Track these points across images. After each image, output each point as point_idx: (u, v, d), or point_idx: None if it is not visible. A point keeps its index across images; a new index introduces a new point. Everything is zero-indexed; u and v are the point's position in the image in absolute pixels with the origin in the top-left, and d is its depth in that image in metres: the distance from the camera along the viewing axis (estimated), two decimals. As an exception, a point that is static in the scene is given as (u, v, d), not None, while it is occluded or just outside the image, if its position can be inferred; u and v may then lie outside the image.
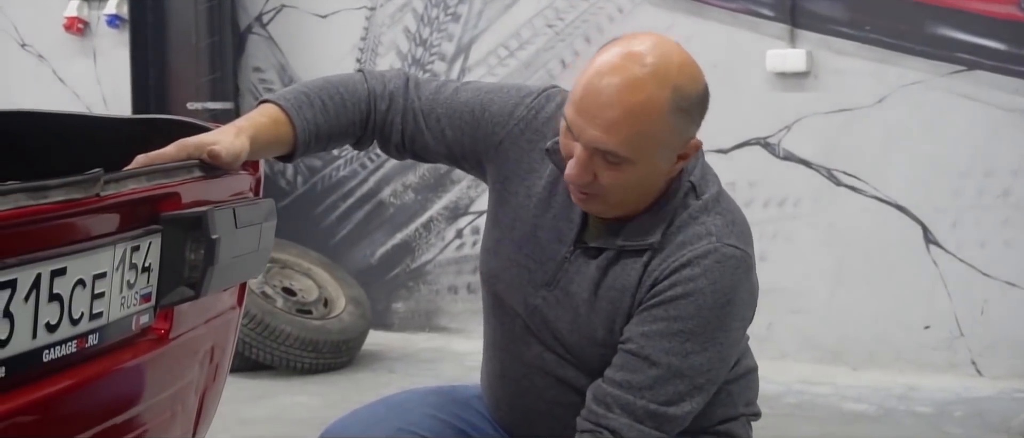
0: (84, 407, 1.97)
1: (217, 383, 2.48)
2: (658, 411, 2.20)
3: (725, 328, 2.21)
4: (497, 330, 2.42)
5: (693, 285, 2.17)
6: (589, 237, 2.28)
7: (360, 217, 6.01)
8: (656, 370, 2.19)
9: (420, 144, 2.39)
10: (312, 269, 5.54)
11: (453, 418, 2.50)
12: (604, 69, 2.14)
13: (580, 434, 2.23)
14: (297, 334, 5.12)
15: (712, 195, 2.25)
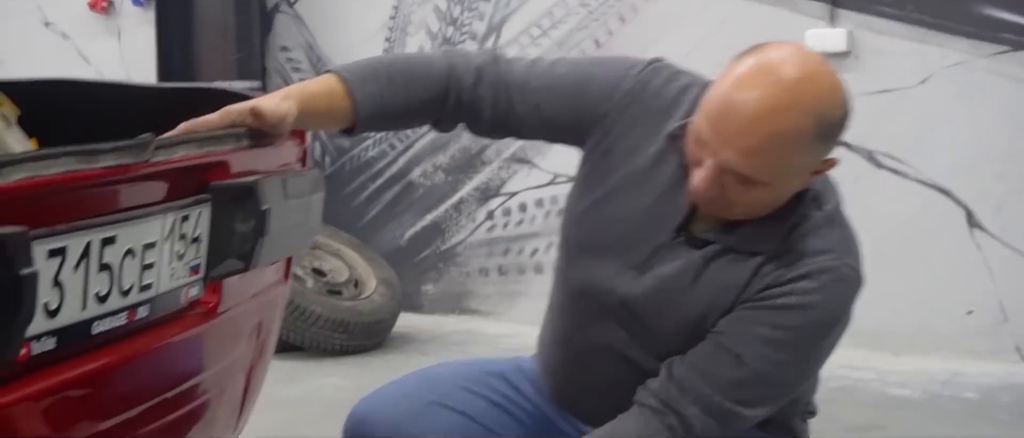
0: (133, 382, 1.89)
1: (263, 360, 2.40)
2: (732, 410, 2.14)
3: (822, 347, 2.16)
4: (567, 298, 2.33)
5: (806, 298, 2.09)
6: (697, 228, 2.18)
7: (389, 198, 5.93)
8: (744, 371, 2.12)
9: (514, 119, 2.28)
10: (342, 250, 5.46)
11: (487, 391, 2.44)
12: (744, 85, 2.00)
13: (642, 406, 2.16)
14: (328, 315, 5.05)
15: (834, 207, 2.16)
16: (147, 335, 1.91)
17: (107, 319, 1.79)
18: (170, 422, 2.01)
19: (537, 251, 5.69)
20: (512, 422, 2.41)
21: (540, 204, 5.66)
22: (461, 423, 2.38)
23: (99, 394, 1.80)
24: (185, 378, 2.04)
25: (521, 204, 5.70)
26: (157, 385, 1.96)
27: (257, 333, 2.30)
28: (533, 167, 5.65)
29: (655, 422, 2.14)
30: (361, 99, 2.20)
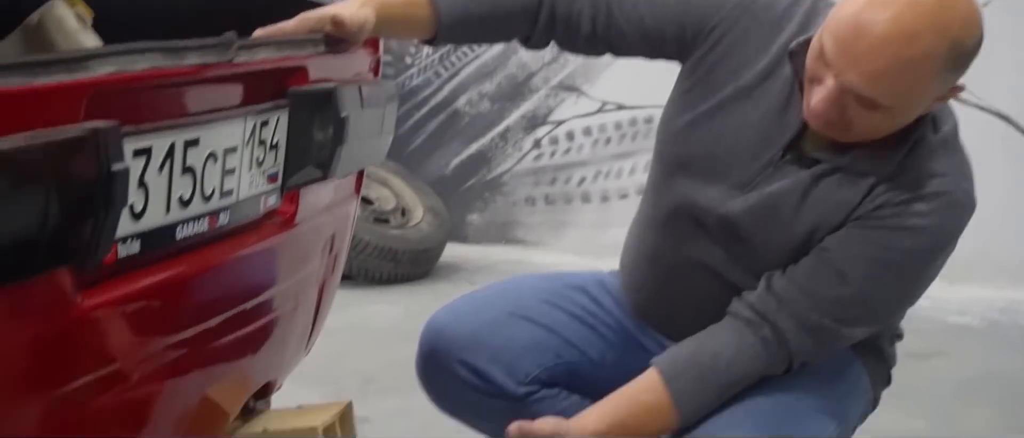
0: (213, 291, 1.84)
1: (335, 277, 2.35)
2: (829, 327, 2.09)
3: (928, 272, 2.10)
4: (661, 215, 2.27)
5: (919, 221, 2.03)
6: (808, 147, 2.11)
7: (434, 127, 5.86)
8: (847, 290, 2.07)
9: (615, 33, 2.20)
10: (389, 178, 5.40)
11: (568, 303, 2.38)
12: (877, 4, 1.89)
13: (735, 317, 2.11)
14: (376, 243, 5.00)
15: (950, 131, 2.10)
16: (227, 243, 1.86)
17: (190, 224, 1.73)
18: (247, 334, 1.96)
19: (584, 180, 5.62)
20: (593, 336, 2.37)
21: (588, 132, 5.59)
22: (541, 335, 2.34)
23: (180, 301, 1.75)
24: (262, 289, 1.99)
25: (568, 132, 5.63)
26: (235, 295, 1.90)
27: (330, 247, 2.24)
28: (581, 95, 5.57)
29: (749, 334, 2.09)
30: (443, 8, 2.13)
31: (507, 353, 2.31)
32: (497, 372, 2.31)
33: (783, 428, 2.08)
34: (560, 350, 2.34)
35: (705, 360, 2.09)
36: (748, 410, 2.09)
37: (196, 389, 1.86)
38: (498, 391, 2.31)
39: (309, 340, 2.32)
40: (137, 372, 1.66)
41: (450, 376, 2.33)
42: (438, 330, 2.36)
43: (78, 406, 1.56)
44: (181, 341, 1.76)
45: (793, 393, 2.12)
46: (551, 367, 2.34)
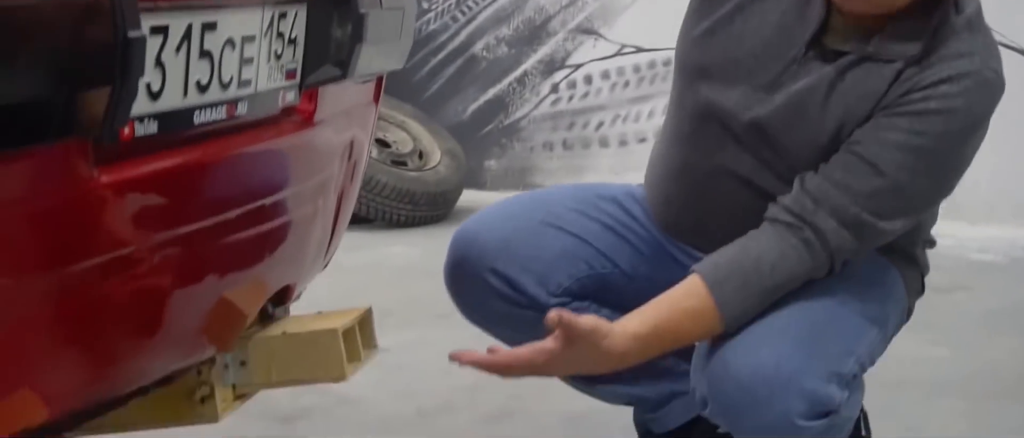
0: (231, 182, 1.81)
1: (354, 186, 2.32)
2: (868, 222, 2.05)
3: (961, 155, 2.07)
4: (685, 124, 2.24)
5: (948, 103, 2.01)
6: (830, 40, 2.09)
7: (451, 72, 5.83)
8: (881, 181, 2.04)
9: None
10: (406, 122, 5.38)
11: (599, 214, 2.34)
12: None
13: (774, 222, 2.07)
14: (393, 185, 4.98)
15: (974, 11, 2.07)
16: (244, 135, 1.83)
17: (207, 110, 1.71)
18: (264, 233, 1.93)
19: (602, 124, 5.59)
20: (625, 247, 2.33)
21: (606, 76, 5.55)
22: (574, 245, 2.30)
23: (196, 189, 1.73)
24: (279, 188, 1.95)
25: (586, 76, 5.59)
26: (252, 190, 1.87)
27: (349, 153, 2.21)
28: (599, 38, 5.53)
29: (789, 237, 2.06)
30: None
31: (539, 262, 2.28)
32: (528, 281, 2.27)
33: (826, 333, 2.05)
34: (592, 261, 2.31)
35: (748, 265, 2.05)
36: (791, 315, 2.05)
37: (212, 285, 1.83)
38: (529, 301, 2.27)
39: (328, 250, 2.29)
40: (151, 259, 1.63)
41: (481, 285, 2.29)
42: (469, 238, 2.33)
43: (90, 287, 1.53)
44: (197, 232, 1.73)
45: (835, 298, 2.10)
46: (583, 278, 2.30)
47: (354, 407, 3.00)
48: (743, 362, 2.01)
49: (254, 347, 2.05)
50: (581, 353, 2.01)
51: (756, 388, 1.99)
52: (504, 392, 3.04)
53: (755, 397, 1.99)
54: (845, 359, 2.06)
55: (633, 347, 2.02)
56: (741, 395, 2.00)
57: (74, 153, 1.45)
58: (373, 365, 3.31)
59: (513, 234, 2.28)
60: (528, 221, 2.30)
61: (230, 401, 2.05)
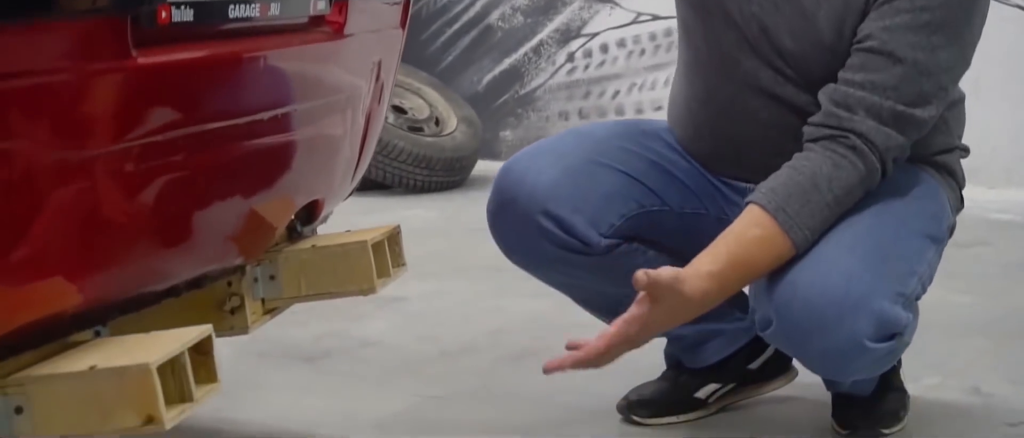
0: (261, 84, 1.81)
1: (381, 109, 2.31)
2: (904, 112, 2.04)
3: (969, 22, 2.06)
4: (701, 49, 2.22)
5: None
6: None
7: (467, 42, 5.82)
8: (901, 67, 2.03)
9: None
10: (422, 89, 5.37)
11: (643, 150, 2.30)
12: None
13: (813, 141, 2.06)
14: (410, 150, 4.97)
15: None
16: (276, 38, 1.83)
17: (242, 6, 1.70)
18: (294, 142, 1.93)
19: (619, 93, 5.58)
20: (673, 182, 2.29)
21: (622, 44, 5.54)
22: (624, 183, 2.25)
23: (228, 85, 1.72)
24: (308, 96, 1.95)
25: (602, 45, 5.58)
26: (282, 95, 1.87)
27: (377, 73, 2.21)
28: (615, 6, 5.52)
29: (836, 148, 2.04)
30: None
31: (590, 202, 2.22)
32: (580, 222, 2.21)
33: (891, 253, 2.04)
34: (642, 198, 2.26)
35: (805, 183, 2.02)
36: (857, 235, 2.03)
37: (240, 189, 1.82)
38: (580, 243, 2.21)
39: (355, 171, 2.28)
40: (182, 151, 1.63)
41: (531, 227, 2.22)
42: (517, 178, 2.25)
43: (122, 171, 1.53)
44: (226, 131, 1.73)
45: (894, 217, 2.08)
46: (633, 217, 2.25)
47: (377, 348, 2.99)
48: (811, 282, 1.98)
49: (284, 261, 2.05)
50: (667, 307, 1.97)
51: (825, 308, 1.96)
52: (527, 334, 3.04)
53: (823, 318, 1.96)
54: (908, 279, 2.05)
55: (711, 286, 1.98)
56: (809, 316, 1.97)
57: (113, 31, 1.45)
58: (394, 311, 3.34)
59: (563, 174, 2.22)
60: (577, 160, 2.25)
61: (260, 314, 2.05)
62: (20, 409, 1.46)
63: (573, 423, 2.41)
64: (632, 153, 2.29)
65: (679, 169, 2.30)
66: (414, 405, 2.56)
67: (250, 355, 2.95)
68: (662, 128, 2.37)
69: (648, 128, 2.37)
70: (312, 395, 2.66)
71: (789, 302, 1.99)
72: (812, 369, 2.14)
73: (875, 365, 2.07)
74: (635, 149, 2.29)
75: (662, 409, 2.41)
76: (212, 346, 1.58)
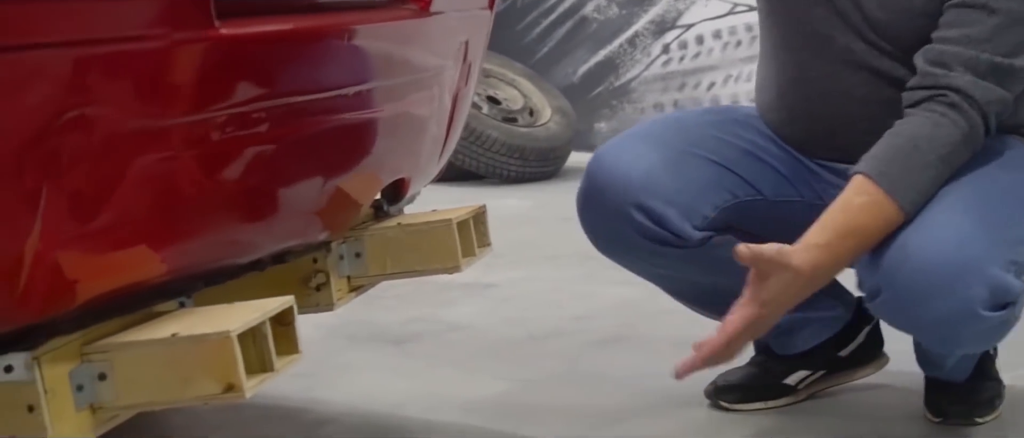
0: (346, 59, 1.81)
1: (469, 89, 2.31)
2: (1002, 64, 1.98)
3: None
4: (789, 30, 2.18)
5: None
6: None
7: (562, 34, 5.81)
8: (995, 18, 1.97)
9: None
10: (517, 80, 5.37)
11: (735, 138, 2.25)
12: None
13: (913, 106, 2.01)
14: (504, 140, 4.98)
15: None
16: (362, 13, 1.83)
17: (327, -21, 1.71)
18: (379, 118, 1.93)
19: (714, 84, 5.54)
20: (767, 170, 2.24)
21: (718, 35, 5.50)
22: (717, 173, 2.20)
23: (312, 59, 1.72)
24: (393, 73, 1.95)
25: (698, 36, 5.55)
26: (368, 71, 1.87)
27: (464, 55, 2.21)
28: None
29: (935, 108, 1.98)
30: None
31: (684, 194, 2.17)
32: (673, 215, 2.16)
33: (1001, 219, 1.97)
34: (735, 189, 2.22)
35: (905, 145, 1.97)
36: (967, 200, 1.97)
37: (324, 164, 1.83)
38: (672, 237, 2.17)
39: (442, 151, 2.28)
40: (265, 125, 1.63)
41: (623, 219, 2.18)
42: (608, 167, 2.21)
43: (207, 141, 1.53)
44: (310, 105, 1.73)
45: (1000, 183, 2.02)
46: (726, 208, 2.21)
47: (465, 332, 3.00)
48: (922, 245, 1.91)
49: (369, 238, 2.06)
50: (779, 284, 1.93)
51: (937, 273, 1.89)
52: (615, 319, 3.02)
53: (936, 282, 1.89)
54: (1019, 247, 1.98)
55: (821, 257, 1.93)
56: (921, 279, 1.90)
57: (197, 2, 1.46)
58: (483, 297, 3.34)
59: (656, 165, 2.17)
60: (670, 150, 2.20)
61: (345, 291, 2.06)
62: (103, 376, 1.47)
63: (659, 407, 2.39)
64: (724, 142, 2.24)
65: (772, 156, 2.26)
66: (499, 388, 2.56)
67: (339, 337, 2.97)
68: (753, 115, 2.33)
69: (739, 115, 2.33)
70: (399, 377, 2.67)
71: (899, 266, 1.92)
72: (922, 339, 2.08)
73: (986, 337, 2.00)
74: (727, 137, 2.25)
75: (750, 395, 2.38)
76: (294, 317, 1.58)
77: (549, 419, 2.35)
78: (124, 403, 1.48)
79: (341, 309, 3.16)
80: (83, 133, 1.36)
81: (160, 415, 2.45)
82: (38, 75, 1.30)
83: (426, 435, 2.28)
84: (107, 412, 1.49)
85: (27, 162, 1.30)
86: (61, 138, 1.33)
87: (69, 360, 1.46)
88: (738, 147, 2.25)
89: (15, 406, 1.41)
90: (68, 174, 1.35)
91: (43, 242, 1.34)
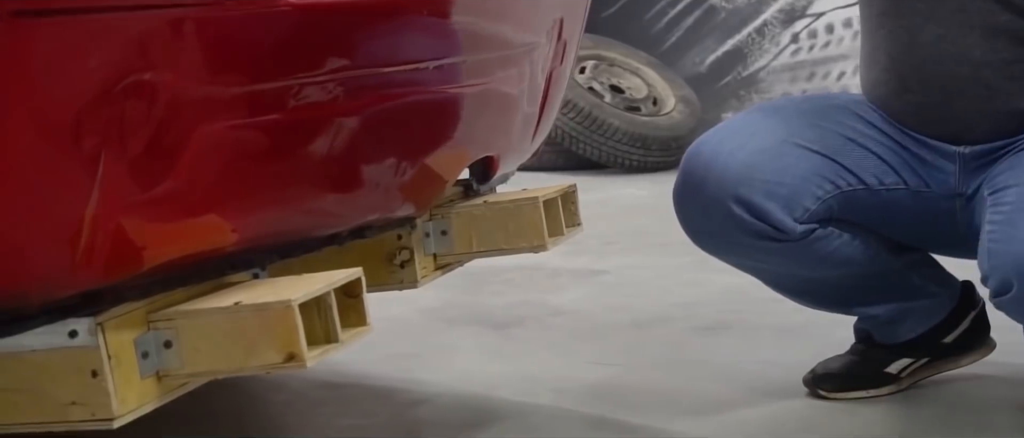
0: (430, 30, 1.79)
1: (564, 69, 2.28)
2: None
3: None
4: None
5: None
6: None
7: (690, 23, 5.76)
8: None
9: None
10: (640, 68, 5.33)
11: (835, 125, 2.18)
12: None
13: None
14: (625, 129, 4.94)
15: None
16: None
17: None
18: (464, 93, 1.91)
19: (844, 74, 5.44)
20: (869, 157, 2.16)
21: (848, 24, 5.40)
22: (818, 163, 2.13)
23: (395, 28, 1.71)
24: (481, 46, 1.93)
25: (828, 25, 5.45)
26: (452, 43, 1.85)
27: (558, 31, 2.18)
28: (842, -15, 5.39)
29: None
30: None
31: (784, 186, 2.10)
32: (774, 208, 2.10)
33: None
34: (837, 179, 2.14)
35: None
36: None
37: (407, 136, 1.81)
38: (772, 231, 2.11)
39: (536, 131, 2.26)
40: (342, 94, 1.63)
41: (722, 213, 2.12)
42: (706, 160, 2.14)
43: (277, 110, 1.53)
44: (390, 76, 1.72)
45: None
46: (829, 199, 2.13)
47: (569, 317, 2.97)
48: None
49: (456, 216, 2.04)
50: None
51: None
52: (722, 307, 2.98)
53: None
54: None
55: None
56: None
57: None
58: (591, 283, 3.31)
59: (755, 156, 2.11)
60: (769, 141, 2.14)
61: (430, 269, 2.05)
62: (169, 343, 1.48)
63: (757, 395, 2.34)
64: (825, 130, 2.17)
65: (874, 142, 2.18)
66: (595, 372, 2.53)
67: (441, 321, 2.97)
68: (853, 101, 2.26)
69: (839, 102, 2.26)
70: (497, 359, 2.66)
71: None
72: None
73: None
74: (827, 125, 2.17)
75: (850, 383, 2.32)
76: (362, 289, 1.57)
77: (643, 404, 2.32)
78: (189, 371, 1.48)
79: (447, 292, 3.20)
80: (148, 98, 1.37)
81: (261, 390, 2.48)
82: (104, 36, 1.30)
83: (517, 417, 2.27)
84: (174, 380, 1.49)
85: (86, 125, 1.31)
86: (123, 102, 1.34)
87: (135, 327, 1.46)
88: (839, 134, 2.18)
89: (79, 371, 1.42)
90: (131, 139, 1.36)
91: (103, 206, 1.34)
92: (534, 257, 2.97)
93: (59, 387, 1.43)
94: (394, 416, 2.31)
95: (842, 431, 2.15)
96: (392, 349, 2.70)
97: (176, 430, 2.25)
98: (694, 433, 2.16)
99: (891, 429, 2.19)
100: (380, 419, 2.28)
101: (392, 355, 2.66)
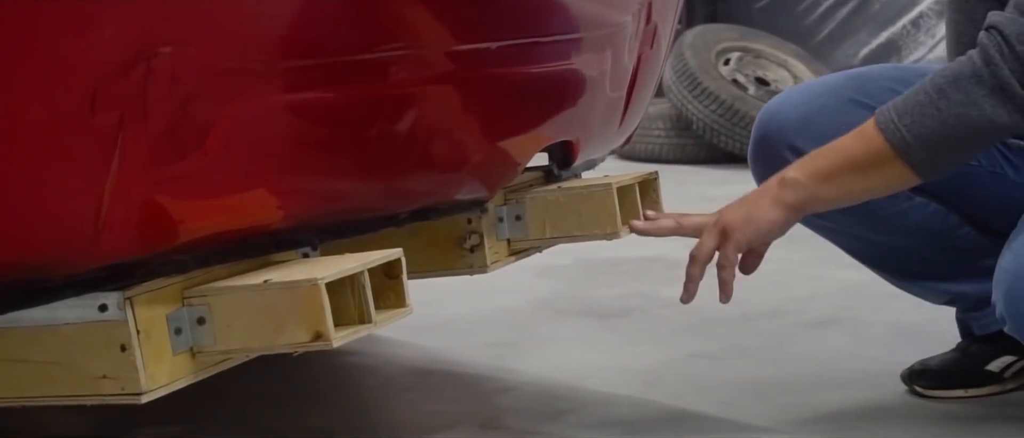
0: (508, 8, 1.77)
1: (655, 54, 2.24)
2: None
3: None
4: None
5: None
6: None
7: (844, 14, 5.63)
8: None
9: None
10: (788, 61, 5.23)
11: None
12: None
13: None
14: (769, 121, 4.85)
15: None
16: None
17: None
18: (541, 74, 1.88)
19: (1002, 68, 5.26)
20: None
21: (1007, 16, 5.22)
22: None
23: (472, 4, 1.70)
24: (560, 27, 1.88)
25: (986, 16, 5.28)
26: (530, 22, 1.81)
27: (646, 16, 2.13)
28: (1001, -25, 5.21)
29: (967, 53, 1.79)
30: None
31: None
32: None
33: None
34: None
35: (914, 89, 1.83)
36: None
37: (470, 116, 1.79)
38: None
39: (623, 118, 2.22)
40: (398, 71, 1.61)
41: (779, 162, 2.06)
42: (773, 112, 2.17)
43: (326, 86, 1.52)
44: (455, 54, 1.70)
45: None
46: None
47: (676, 309, 2.87)
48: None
49: (531, 202, 2.01)
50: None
51: None
52: (836, 302, 2.90)
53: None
54: None
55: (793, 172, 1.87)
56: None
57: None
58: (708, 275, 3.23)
59: (816, 110, 2.10)
60: (835, 97, 2.12)
61: (503, 254, 2.02)
62: (202, 320, 1.48)
63: (852, 390, 2.27)
64: (899, 93, 2.11)
65: None
66: (691, 364, 2.48)
67: (548, 311, 2.95)
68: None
69: (928, 70, 2.18)
70: (593, 350, 2.62)
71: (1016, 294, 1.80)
72: None
73: None
74: (904, 90, 2.11)
75: (948, 381, 2.22)
76: (402, 270, 1.55)
77: (733, 396, 2.26)
78: (222, 348, 1.48)
79: (560, 283, 3.17)
80: (177, 65, 1.35)
81: (356, 376, 2.49)
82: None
83: (600, 407, 2.23)
84: (208, 357, 1.49)
85: (108, 96, 1.30)
86: (152, 72, 1.33)
87: (168, 303, 1.47)
88: None
89: (109, 345, 1.42)
90: (155, 112, 1.35)
91: (125, 179, 1.34)
92: (655, 248, 2.93)
93: (91, 360, 1.44)
94: (477, 403, 2.29)
95: (927, 432, 2.07)
96: (491, 338, 2.68)
97: (262, 413, 2.27)
98: (773, 428, 2.10)
99: (977, 433, 2.09)
100: (463, 406, 2.27)
101: (490, 344, 2.64)
